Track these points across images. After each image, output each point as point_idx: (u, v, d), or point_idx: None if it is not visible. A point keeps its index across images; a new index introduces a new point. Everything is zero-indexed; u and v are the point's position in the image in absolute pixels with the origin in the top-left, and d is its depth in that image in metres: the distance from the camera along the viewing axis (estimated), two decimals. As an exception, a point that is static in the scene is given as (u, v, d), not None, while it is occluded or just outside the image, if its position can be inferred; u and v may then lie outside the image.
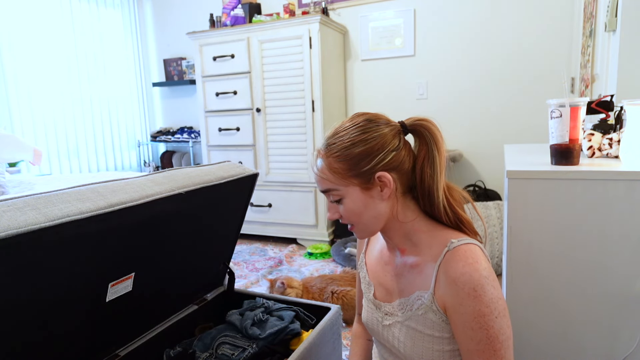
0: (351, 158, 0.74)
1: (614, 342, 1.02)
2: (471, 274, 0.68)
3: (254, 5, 3.25)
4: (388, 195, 0.76)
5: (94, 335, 0.97)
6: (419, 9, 3.03)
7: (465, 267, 0.69)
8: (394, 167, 0.75)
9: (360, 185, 0.75)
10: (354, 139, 0.75)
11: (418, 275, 0.77)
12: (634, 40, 1.51)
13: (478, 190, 2.85)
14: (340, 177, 0.76)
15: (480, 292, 0.67)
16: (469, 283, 0.68)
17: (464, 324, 0.69)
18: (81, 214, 0.77)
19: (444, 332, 0.74)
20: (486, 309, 0.67)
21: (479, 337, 0.68)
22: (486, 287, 0.68)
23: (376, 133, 0.75)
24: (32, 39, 3.10)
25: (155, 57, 4.09)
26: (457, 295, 0.69)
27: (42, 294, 0.79)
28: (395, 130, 0.77)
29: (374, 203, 0.77)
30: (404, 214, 0.79)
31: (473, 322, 0.68)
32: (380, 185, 0.75)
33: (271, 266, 2.69)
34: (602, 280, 1.00)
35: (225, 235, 1.32)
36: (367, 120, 0.77)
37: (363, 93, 3.28)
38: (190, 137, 3.76)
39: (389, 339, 0.83)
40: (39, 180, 2.44)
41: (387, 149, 0.75)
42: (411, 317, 0.77)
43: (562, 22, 2.68)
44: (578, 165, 1.05)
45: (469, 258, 0.70)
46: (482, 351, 0.68)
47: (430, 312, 0.75)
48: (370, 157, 0.74)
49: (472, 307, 0.68)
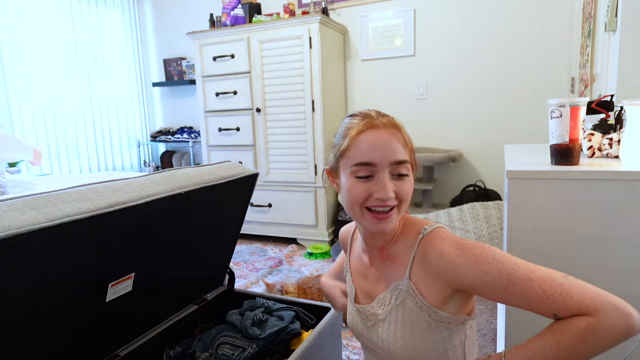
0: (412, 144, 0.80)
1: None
2: (449, 243, 0.71)
3: (254, 5, 3.25)
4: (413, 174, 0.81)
5: (94, 335, 0.97)
6: (419, 9, 3.03)
7: (442, 241, 0.72)
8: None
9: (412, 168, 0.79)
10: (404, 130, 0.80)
11: (396, 269, 0.78)
12: (634, 40, 1.51)
13: (478, 190, 2.85)
14: (412, 154, 0.78)
15: (462, 245, 0.69)
16: (451, 248, 0.70)
17: (475, 277, 0.66)
18: (81, 214, 0.77)
19: (421, 320, 0.74)
20: (478, 249, 0.68)
21: (493, 271, 0.65)
22: (463, 240, 0.71)
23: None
24: (32, 38, 3.10)
25: (155, 57, 4.09)
26: (449, 263, 0.69)
27: (42, 294, 0.79)
28: None
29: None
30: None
31: (479, 268, 0.66)
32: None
33: (271, 266, 2.69)
34: (602, 280, 1.00)
35: (225, 235, 1.32)
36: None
37: (363, 93, 3.28)
38: (190, 137, 3.76)
39: (373, 340, 0.83)
40: (39, 180, 2.44)
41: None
42: (391, 311, 0.78)
43: (562, 22, 2.68)
44: (578, 165, 1.05)
45: (442, 234, 0.74)
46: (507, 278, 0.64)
47: (407, 299, 0.75)
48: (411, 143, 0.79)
49: (468, 260, 0.68)
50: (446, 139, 3.06)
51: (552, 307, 0.61)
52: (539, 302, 0.63)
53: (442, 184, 3.11)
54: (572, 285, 0.61)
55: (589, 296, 0.59)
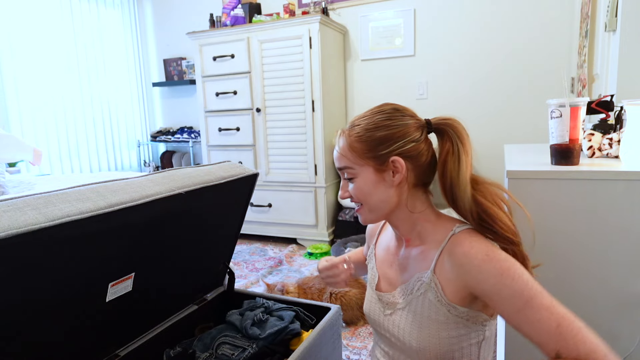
0: (372, 140, 0.78)
1: (613, 343, 1.02)
2: (478, 246, 0.71)
3: (254, 5, 3.25)
4: (399, 181, 0.79)
5: (94, 335, 0.97)
6: (419, 9, 3.03)
7: (471, 243, 0.72)
8: (410, 156, 0.78)
9: (374, 166, 0.79)
10: (378, 123, 0.79)
11: (421, 261, 0.79)
12: (634, 40, 1.51)
13: (478, 190, 2.85)
14: (357, 157, 0.80)
15: (492, 254, 0.69)
16: (479, 252, 0.70)
17: (495, 288, 0.66)
18: (81, 214, 0.77)
19: (440, 314, 0.75)
20: (506, 263, 0.67)
21: (517, 288, 0.65)
22: (495, 250, 0.70)
23: (400, 122, 0.79)
24: (32, 38, 3.10)
25: (155, 57, 4.09)
26: (473, 266, 0.69)
27: (42, 294, 0.79)
28: (419, 125, 0.80)
29: (384, 187, 0.80)
30: (412, 204, 0.81)
31: (502, 279, 0.66)
32: (393, 170, 0.78)
33: (271, 266, 2.69)
34: (602, 280, 1.00)
35: (225, 235, 1.32)
36: (394, 109, 0.81)
37: (363, 93, 3.28)
38: (190, 137, 3.76)
39: (390, 328, 0.83)
40: (39, 180, 2.44)
41: (408, 139, 0.78)
42: (411, 301, 0.79)
43: (562, 22, 2.68)
44: (578, 165, 1.05)
45: (473, 236, 0.73)
46: (529, 300, 0.64)
47: (429, 291, 0.76)
48: (390, 142, 0.78)
49: (493, 268, 0.68)
50: (446, 139, 3.06)
51: (560, 344, 0.61)
52: (549, 334, 0.62)
53: (442, 184, 3.11)
54: (589, 334, 0.61)
55: (602, 353, 0.59)
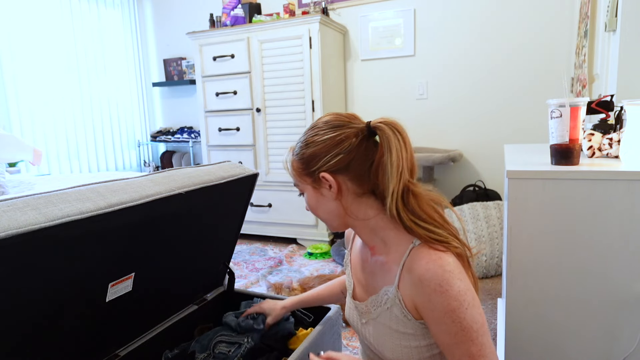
0: (304, 158, 0.80)
1: (613, 343, 1.02)
2: (435, 270, 0.69)
3: (254, 5, 3.25)
4: (335, 195, 0.79)
5: (94, 335, 0.97)
6: (419, 9, 3.03)
7: (429, 264, 0.70)
8: (340, 169, 0.78)
9: (311, 184, 0.81)
10: (308, 141, 0.81)
11: (386, 272, 0.79)
12: (634, 40, 1.51)
13: (478, 190, 2.85)
14: (297, 175, 0.83)
15: (447, 286, 0.68)
16: (434, 279, 0.69)
17: (436, 319, 0.70)
18: (81, 214, 0.77)
19: (408, 328, 0.75)
20: (455, 303, 0.68)
21: (454, 330, 0.69)
22: (451, 280, 0.68)
23: (326, 136, 0.78)
24: (32, 38, 3.10)
25: (155, 57, 4.09)
26: (424, 292, 0.70)
27: (42, 294, 0.79)
28: (353, 132, 0.78)
29: (325, 200, 0.81)
30: (363, 212, 0.80)
31: (445, 317, 0.69)
32: (328, 186, 0.79)
33: (271, 266, 2.69)
34: (602, 280, 1.00)
35: (225, 235, 1.32)
36: (325, 122, 0.81)
37: (363, 93, 3.28)
38: (190, 137, 3.76)
39: (367, 337, 0.85)
40: (39, 180, 2.44)
41: (333, 152, 0.77)
42: (381, 314, 0.80)
43: (562, 22, 2.68)
44: (578, 165, 1.05)
45: (433, 254, 0.71)
46: (459, 343, 0.69)
47: (394, 307, 0.76)
48: (317, 158, 0.78)
49: (441, 303, 0.68)
50: (446, 139, 3.06)
51: None
52: None
53: (442, 184, 3.11)
54: None
55: None
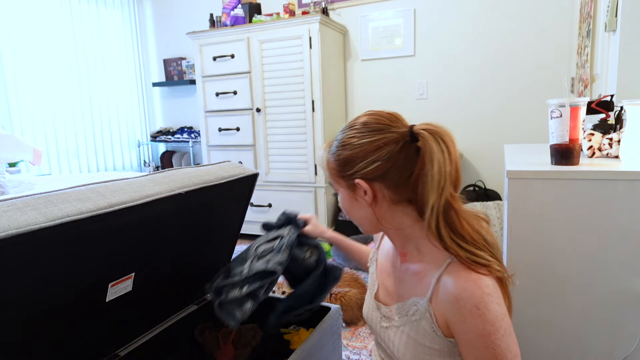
0: (340, 161, 0.76)
1: (614, 342, 1.02)
2: (473, 291, 0.65)
3: (254, 5, 3.25)
4: (370, 202, 0.74)
5: (94, 335, 0.97)
6: (419, 9, 3.03)
7: (467, 283, 0.65)
8: (376, 177, 0.72)
9: (346, 187, 0.77)
10: (345, 142, 0.75)
11: (418, 282, 0.74)
12: (634, 40, 1.51)
13: (478, 190, 2.85)
14: (331, 175, 0.79)
15: (484, 309, 0.64)
16: (471, 300, 0.64)
17: (469, 342, 0.66)
18: (81, 214, 0.77)
19: (435, 343, 0.71)
20: (491, 328, 0.64)
21: (485, 355, 0.64)
22: (489, 304, 0.64)
23: (364, 140, 0.72)
24: (32, 38, 3.10)
25: (155, 57, 4.09)
26: (459, 312, 0.66)
27: (42, 294, 0.79)
28: (394, 138, 0.71)
29: (360, 205, 0.77)
30: (398, 220, 0.76)
31: (477, 340, 0.65)
32: (363, 191, 0.74)
33: (271, 266, 2.69)
34: (602, 280, 1.00)
35: (225, 235, 1.32)
36: (363, 123, 0.75)
37: (363, 93, 3.28)
38: (190, 137, 3.76)
39: (385, 340, 0.81)
40: (39, 180, 2.44)
41: (370, 159, 0.72)
42: (406, 323, 0.75)
43: (562, 22, 2.68)
44: (578, 165, 1.05)
45: (472, 274, 0.66)
46: None
47: (423, 320, 0.72)
48: (352, 163, 0.74)
49: (476, 326, 0.64)
50: (446, 139, 3.06)
51: None
52: None
53: (442, 184, 3.10)
54: None
55: None
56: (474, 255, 0.67)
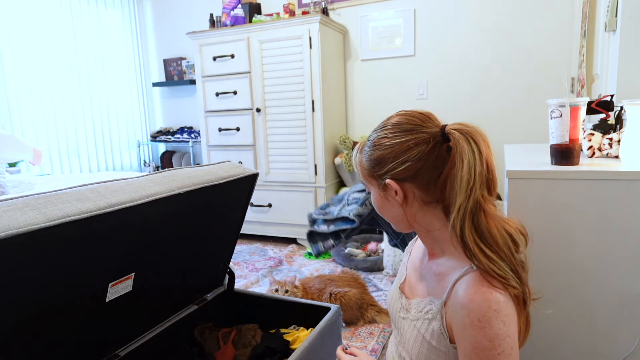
0: (372, 161, 0.77)
1: (613, 342, 1.02)
2: (479, 303, 0.64)
3: (254, 5, 3.25)
4: (400, 202, 0.75)
5: (94, 335, 0.97)
6: (419, 9, 3.03)
7: (476, 294, 0.65)
8: (406, 177, 0.73)
9: (377, 186, 0.78)
10: (376, 142, 0.76)
11: (437, 283, 0.75)
12: (634, 40, 1.51)
13: (478, 190, 2.85)
14: (364, 175, 0.80)
15: (485, 324, 0.63)
16: (475, 312, 0.64)
17: (464, 352, 0.66)
18: (81, 214, 0.77)
19: (441, 345, 0.72)
20: (488, 343, 0.63)
21: None
22: (493, 320, 0.63)
23: (395, 140, 0.73)
24: (32, 38, 3.10)
25: (155, 57, 4.09)
26: (462, 320, 0.66)
27: (42, 294, 0.79)
28: (425, 138, 0.71)
29: (391, 205, 0.78)
30: (429, 222, 0.76)
31: (472, 352, 0.65)
32: (394, 191, 0.75)
33: (271, 266, 2.69)
34: (602, 280, 1.00)
35: (225, 235, 1.32)
36: (394, 124, 0.75)
37: (363, 93, 3.28)
38: (190, 137, 3.76)
39: (400, 330, 0.83)
40: (39, 180, 2.44)
41: (401, 159, 0.72)
42: (420, 319, 0.76)
43: (562, 22, 2.68)
44: (578, 165, 1.05)
45: (485, 286, 0.65)
46: None
47: (435, 320, 0.73)
48: (383, 162, 0.74)
49: (474, 337, 0.64)
50: (446, 139, 3.06)
51: None
52: None
53: (442, 184, 3.11)
54: None
55: None
56: (493, 263, 0.66)
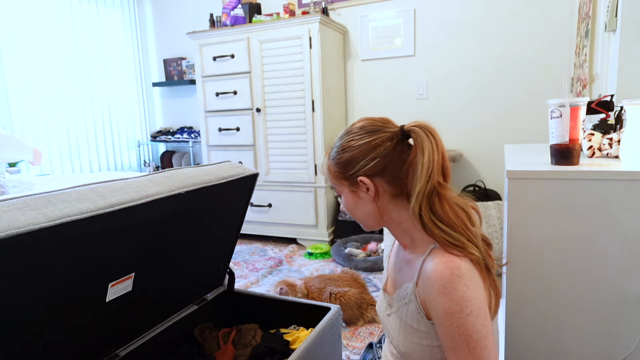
0: (341, 163, 0.83)
1: (613, 342, 1.02)
2: (442, 272, 0.70)
3: (254, 5, 3.25)
4: (372, 197, 0.82)
5: (94, 335, 0.97)
6: (419, 9, 3.03)
7: (438, 265, 0.72)
8: (376, 172, 0.80)
9: (348, 187, 0.84)
10: (345, 146, 0.83)
11: (410, 269, 0.82)
12: (634, 40, 1.51)
13: (478, 190, 2.85)
14: (334, 178, 0.86)
15: (450, 289, 0.69)
16: (439, 280, 0.70)
17: (438, 320, 0.72)
18: (81, 214, 0.77)
19: (421, 325, 0.77)
20: (456, 307, 0.69)
21: (452, 334, 0.70)
22: (457, 284, 0.69)
23: (362, 141, 0.81)
24: (32, 38, 3.10)
25: (155, 57, 4.09)
26: (430, 292, 0.72)
27: (42, 294, 0.79)
28: (388, 137, 0.80)
29: (363, 203, 0.84)
30: (397, 214, 0.83)
31: (444, 319, 0.70)
32: (365, 188, 0.82)
33: (271, 266, 2.69)
34: (602, 280, 1.00)
35: (225, 235, 1.32)
36: (360, 127, 0.83)
37: (363, 93, 3.28)
38: (190, 137, 3.76)
39: (388, 329, 0.88)
40: (39, 180, 2.44)
41: (370, 156, 0.80)
42: (400, 308, 0.82)
43: (562, 23, 2.68)
44: (578, 165, 1.05)
45: (445, 257, 0.72)
46: (456, 349, 0.70)
47: (412, 303, 0.78)
48: (353, 163, 0.81)
49: (442, 304, 0.70)
50: (446, 139, 3.06)
51: None
52: None
53: (442, 184, 3.10)
54: None
55: None
56: (450, 236, 0.73)
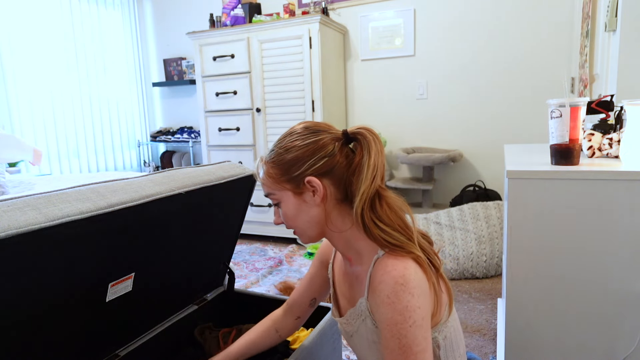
0: (284, 164, 0.78)
1: (614, 342, 1.02)
2: (387, 282, 0.68)
3: (254, 5, 3.25)
4: (320, 200, 0.77)
5: (94, 335, 0.97)
6: (419, 9, 3.03)
7: (383, 275, 0.70)
8: (325, 172, 0.77)
9: (292, 190, 0.79)
10: (288, 146, 0.78)
11: (360, 284, 0.79)
12: (634, 40, 1.51)
13: (478, 190, 2.85)
14: (274, 182, 0.80)
15: (394, 299, 0.67)
16: (384, 290, 0.68)
17: (383, 332, 0.69)
18: (81, 214, 0.77)
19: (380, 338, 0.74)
20: (399, 317, 0.66)
21: (392, 345, 0.67)
22: (401, 294, 0.67)
23: (308, 140, 0.77)
24: (32, 38, 3.10)
25: (155, 57, 4.09)
26: (375, 302, 0.70)
27: (42, 294, 0.79)
28: (333, 138, 0.78)
29: (307, 207, 0.79)
30: (341, 220, 0.79)
31: (386, 330, 0.68)
32: (312, 191, 0.77)
33: (271, 266, 2.69)
34: (602, 280, 1.00)
35: (225, 235, 1.32)
36: (304, 127, 0.80)
37: (363, 93, 3.28)
38: (190, 137, 3.76)
39: (357, 350, 0.85)
40: (39, 180, 2.44)
41: (318, 155, 0.76)
42: (359, 327, 0.79)
43: (562, 22, 2.68)
44: (578, 165, 1.05)
45: (389, 266, 0.70)
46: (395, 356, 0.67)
47: (367, 318, 0.76)
48: (300, 162, 0.77)
49: (385, 314, 0.68)
50: (446, 139, 3.06)
51: None
52: None
53: (442, 184, 3.11)
54: None
55: None
56: (389, 236, 0.72)
